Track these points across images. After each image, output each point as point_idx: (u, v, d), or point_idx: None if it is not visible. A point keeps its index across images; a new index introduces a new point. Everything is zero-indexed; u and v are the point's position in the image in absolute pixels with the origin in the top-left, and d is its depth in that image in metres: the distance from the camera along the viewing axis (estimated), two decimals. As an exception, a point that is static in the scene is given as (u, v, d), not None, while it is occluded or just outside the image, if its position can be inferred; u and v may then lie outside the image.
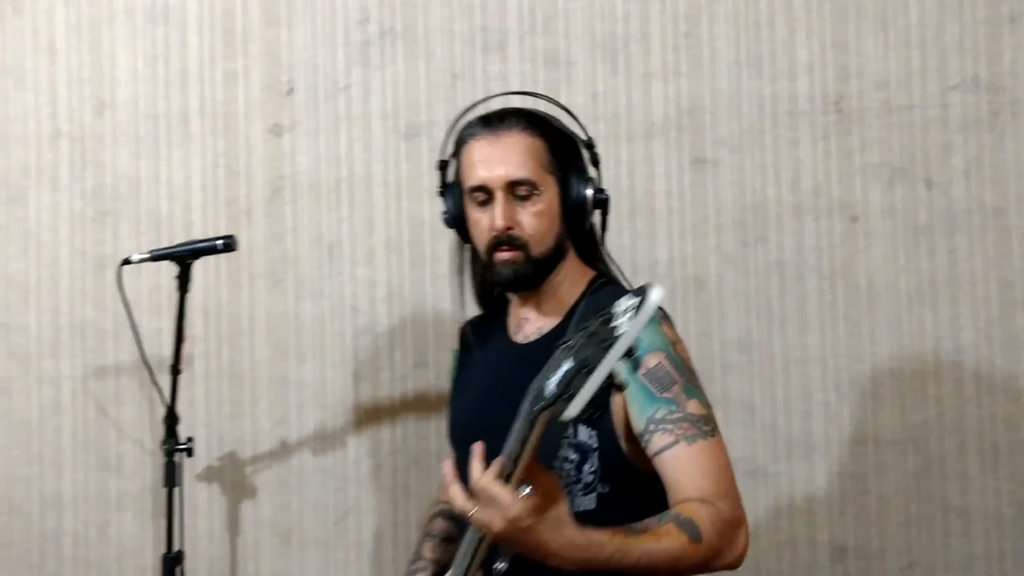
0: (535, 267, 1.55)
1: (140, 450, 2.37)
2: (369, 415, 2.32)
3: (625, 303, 1.08)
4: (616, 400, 1.47)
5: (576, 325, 1.46)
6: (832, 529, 2.21)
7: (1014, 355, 2.17)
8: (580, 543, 1.26)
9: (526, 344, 1.61)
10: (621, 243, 2.23)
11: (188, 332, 2.18)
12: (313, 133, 2.35)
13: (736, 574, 2.20)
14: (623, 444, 1.48)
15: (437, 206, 2.25)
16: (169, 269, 1.98)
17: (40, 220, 2.40)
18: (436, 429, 2.28)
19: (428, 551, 1.77)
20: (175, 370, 2.02)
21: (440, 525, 1.79)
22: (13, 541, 2.40)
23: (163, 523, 2.04)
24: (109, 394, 2.38)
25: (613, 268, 1.66)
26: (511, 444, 1.22)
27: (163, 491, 2.05)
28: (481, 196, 1.55)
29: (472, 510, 1.26)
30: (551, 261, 1.57)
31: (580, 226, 1.60)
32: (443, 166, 1.67)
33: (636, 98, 2.29)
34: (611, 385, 1.08)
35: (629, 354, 1.07)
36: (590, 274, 1.62)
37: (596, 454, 1.49)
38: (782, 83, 2.25)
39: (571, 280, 1.61)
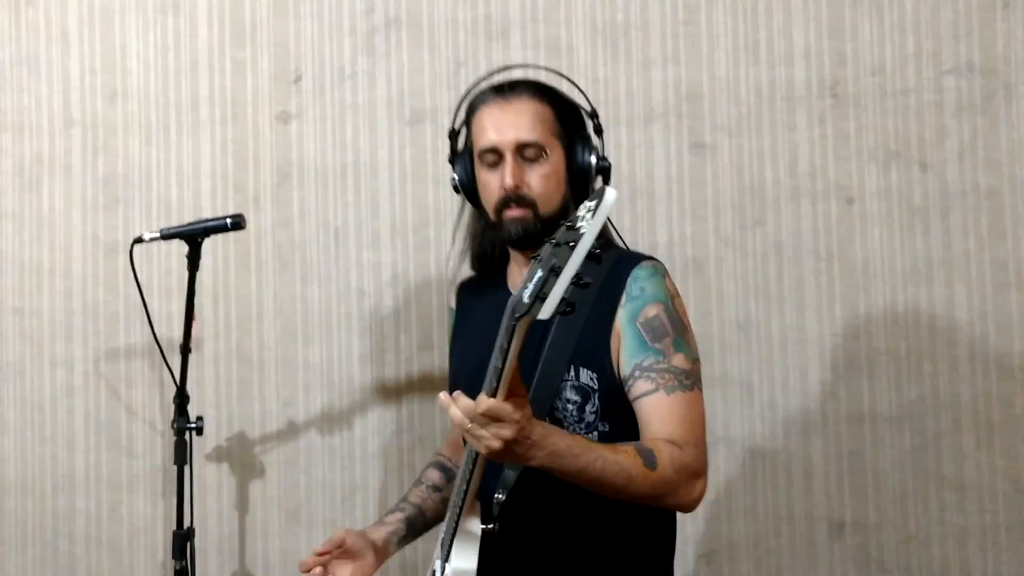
0: (543, 224, 1.60)
1: (151, 431, 2.42)
2: (375, 396, 2.37)
3: (585, 208, 1.15)
4: (612, 343, 1.56)
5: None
6: (830, 505, 2.24)
7: (1007, 333, 2.21)
8: (552, 433, 1.39)
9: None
10: (622, 226, 2.25)
11: (198, 315, 2.22)
12: (320, 120, 2.40)
13: (734, 549, 2.26)
14: (620, 383, 1.57)
15: (442, 191, 2.36)
16: (179, 254, 2.03)
17: (53, 207, 2.46)
18: (441, 409, 2.32)
19: (413, 495, 1.86)
20: (185, 348, 2.07)
21: (431, 474, 1.88)
22: (27, 520, 2.45)
23: (173, 502, 2.07)
24: (120, 376, 2.43)
25: (613, 233, 1.73)
26: (493, 360, 1.30)
27: (173, 471, 2.09)
28: (491, 158, 1.63)
29: (474, 429, 1.33)
30: (557, 219, 1.60)
31: (584, 191, 1.66)
32: (454, 135, 1.75)
33: (636, 84, 2.33)
34: (580, 283, 1.14)
35: (592, 255, 1.14)
36: None
37: (597, 395, 1.57)
38: (779, 69, 2.30)
39: None
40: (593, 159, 1.66)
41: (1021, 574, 2.18)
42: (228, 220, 1.94)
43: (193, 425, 2.08)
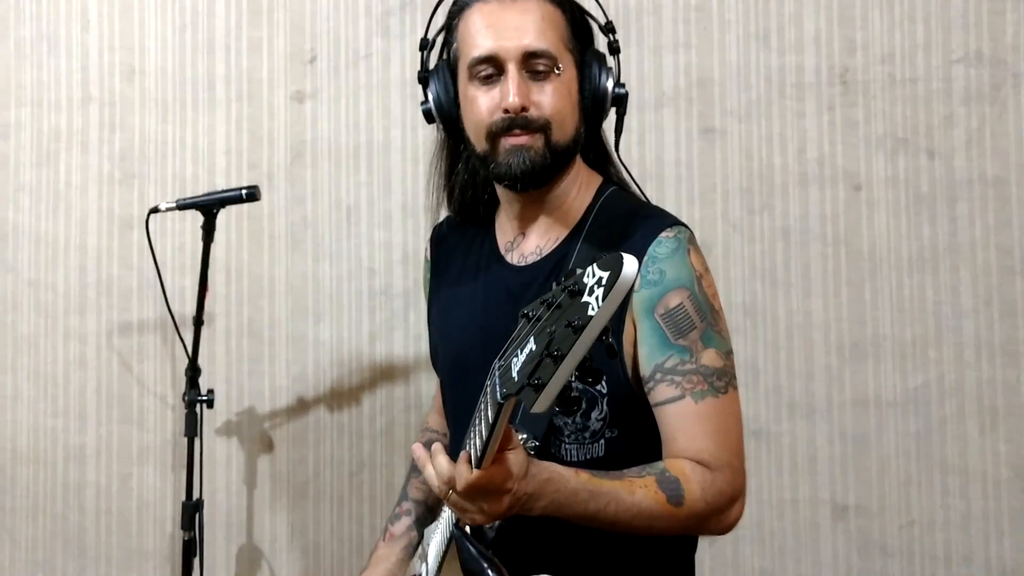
0: (553, 156, 1.31)
1: (162, 404, 2.45)
2: (384, 373, 2.39)
3: (595, 274, 0.89)
4: (626, 337, 1.29)
5: (582, 249, 1.31)
6: (833, 489, 2.26)
7: (1012, 320, 2.22)
8: (552, 479, 1.15)
9: (523, 267, 1.39)
10: (631, 208, 2.30)
11: (211, 289, 2.25)
12: (334, 100, 2.42)
13: (738, 533, 2.27)
14: (635, 385, 1.32)
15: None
16: (193, 230, 2.06)
17: (70, 181, 2.49)
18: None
19: (413, 490, 1.64)
20: (198, 320, 2.09)
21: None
22: (38, 491, 2.48)
23: (183, 475, 2.10)
24: (133, 350, 2.46)
25: (623, 173, 1.45)
26: (478, 423, 1.08)
27: (183, 444, 2.12)
28: (486, 70, 1.30)
29: (457, 501, 1.12)
30: (568, 153, 1.34)
31: (597, 121, 1.38)
32: (425, 45, 1.42)
33: (647, 69, 2.36)
34: (584, 368, 0.92)
35: (602, 337, 0.91)
36: (597, 180, 1.41)
37: (604, 400, 1.31)
38: (789, 56, 2.32)
39: (579, 185, 1.38)
40: (610, 83, 1.34)
41: (1023, 560, 2.19)
42: (243, 191, 1.97)
43: (204, 397, 2.11)
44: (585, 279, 0.90)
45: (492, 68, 1.29)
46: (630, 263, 0.87)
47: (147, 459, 2.45)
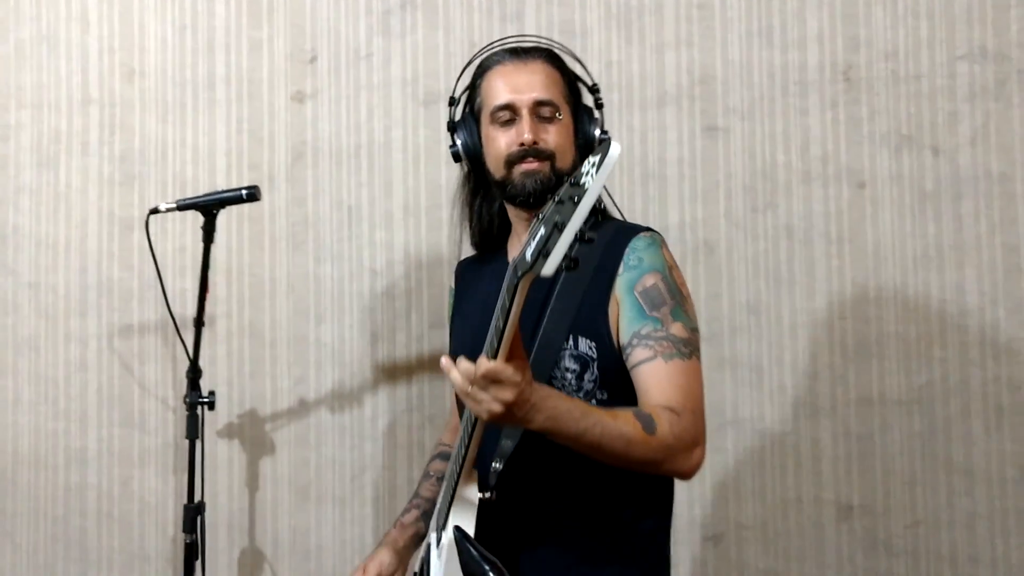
0: (557, 180, 1.60)
1: (163, 407, 2.44)
2: (386, 374, 2.38)
3: (590, 162, 1.12)
4: (611, 312, 1.56)
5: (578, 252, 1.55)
6: (838, 488, 2.25)
7: (1018, 318, 2.21)
8: (551, 396, 1.38)
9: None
10: (633, 207, 2.29)
11: (211, 293, 2.24)
12: (335, 100, 2.41)
13: (742, 532, 2.26)
14: (619, 354, 1.56)
15: (455, 171, 2.35)
16: (194, 231, 2.05)
17: (70, 183, 2.48)
18: (451, 388, 2.33)
19: (424, 490, 1.85)
20: (199, 322, 2.08)
21: (437, 465, 1.87)
22: (39, 494, 2.47)
23: (184, 478, 2.09)
24: (133, 352, 2.45)
25: (611, 205, 1.75)
26: (494, 321, 1.29)
27: (184, 447, 2.11)
28: (505, 116, 1.63)
29: (474, 392, 1.32)
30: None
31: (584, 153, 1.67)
32: (453, 102, 1.74)
33: (650, 67, 2.34)
34: (584, 239, 1.12)
35: (595, 210, 1.12)
36: None
37: (595, 363, 1.56)
38: (792, 53, 2.30)
39: None
40: (597, 131, 1.68)
41: (1029, 559, 2.18)
42: (243, 192, 1.96)
43: (205, 399, 2.10)
44: (582, 169, 1.13)
45: (510, 114, 1.63)
46: (615, 144, 1.12)
47: (148, 462, 2.44)
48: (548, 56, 1.68)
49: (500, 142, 1.63)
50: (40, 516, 2.47)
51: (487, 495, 1.53)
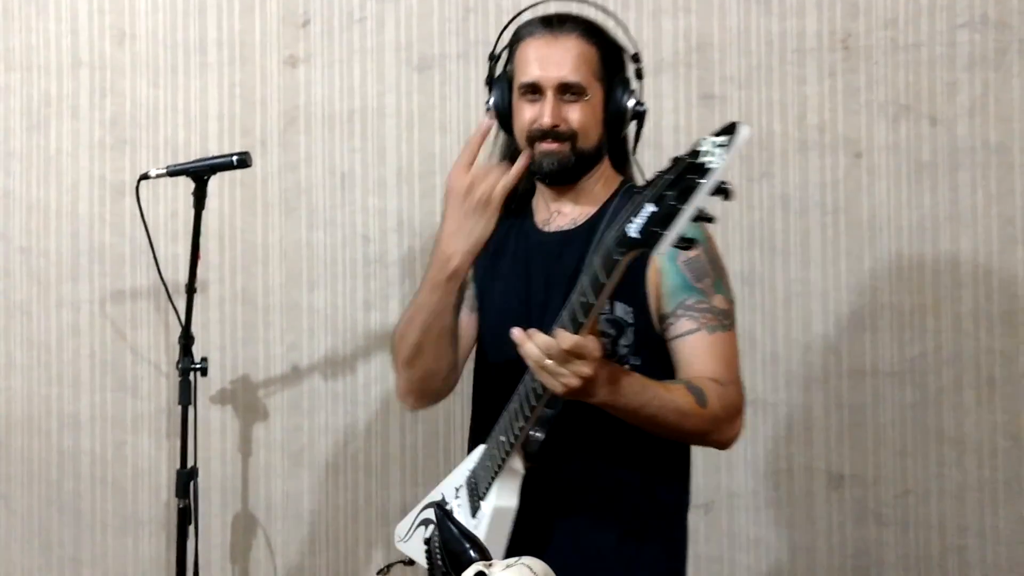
0: (578, 159, 1.60)
1: (156, 372, 2.44)
2: (378, 341, 2.38)
3: (711, 141, 1.09)
4: (650, 279, 1.56)
5: (611, 216, 1.54)
6: (829, 458, 2.25)
7: (1012, 290, 2.20)
8: (615, 370, 1.40)
9: (561, 232, 1.65)
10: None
11: (203, 258, 2.23)
12: (328, 65, 2.39)
13: (734, 500, 2.27)
14: (655, 320, 1.57)
15: (448, 138, 2.35)
16: (186, 196, 2.03)
17: (61, 147, 2.46)
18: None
19: None
20: (190, 288, 2.08)
21: None
22: (32, 459, 2.48)
23: (177, 443, 2.10)
24: (126, 318, 2.45)
25: (640, 177, 1.71)
26: (579, 294, 1.29)
27: (177, 412, 2.11)
28: (530, 93, 1.60)
29: (551, 366, 1.32)
30: (592, 159, 1.63)
31: (617, 133, 1.66)
32: (494, 58, 1.70)
33: (646, 34, 2.31)
34: (702, 218, 1.10)
35: (719, 191, 1.09)
36: (618, 178, 1.69)
37: (632, 329, 1.56)
38: (790, 20, 2.28)
39: (604, 182, 1.67)
40: (631, 103, 1.64)
41: (1018, 530, 2.19)
42: (234, 158, 1.95)
43: (198, 365, 2.10)
44: (700, 148, 1.09)
45: (535, 93, 1.60)
46: (745, 126, 1.09)
47: (141, 427, 2.45)
48: (584, 29, 1.62)
49: (525, 116, 1.62)
50: (34, 480, 2.48)
51: (531, 465, 1.53)
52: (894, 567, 2.23)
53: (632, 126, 1.68)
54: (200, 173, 1.96)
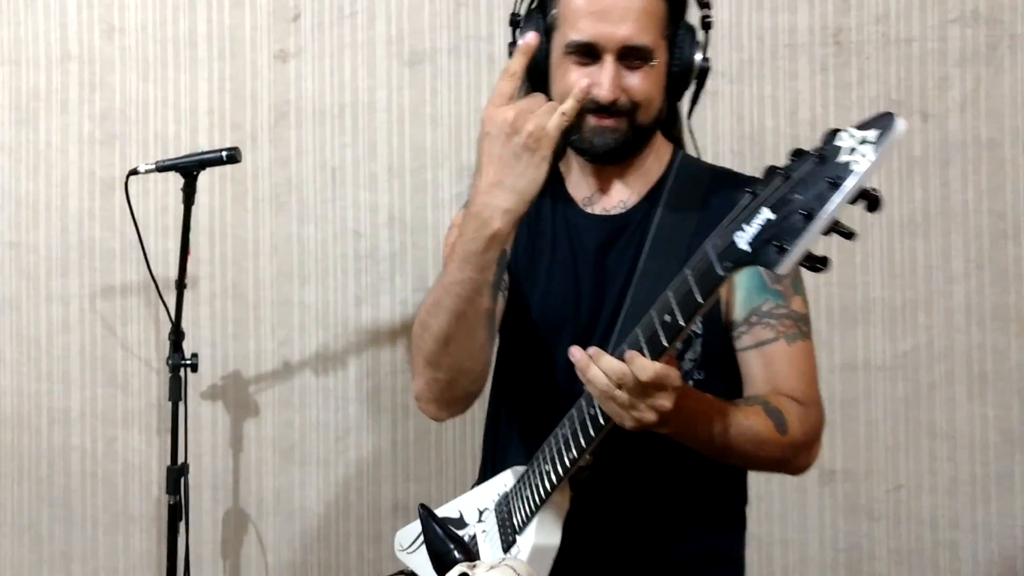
0: (635, 135, 1.34)
1: (146, 368, 2.43)
2: (370, 337, 2.37)
3: (854, 136, 0.89)
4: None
5: (669, 199, 1.34)
6: (821, 452, 2.24)
7: (1003, 285, 2.20)
8: (688, 395, 1.20)
9: (611, 216, 1.40)
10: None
11: (194, 254, 2.23)
12: (318, 59, 2.38)
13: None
14: (724, 330, 1.36)
15: (440, 132, 2.34)
16: (176, 191, 2.02)
17: (50, 141, 2.45)
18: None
19: None
20: (180, 284, 2.07)
21: None
22: (22, 455, 2.46)
23: (168, 439, 2.09)
24: (116, 313, 2.44)
25: (692, 143, 1.50)
26: (662, 314, 1.07)
27: (168, 408, 2.10)
28: (583, 53, 1.30)
29: (621, 396, 1.10)
30: (651, 130, 1.38)
31: (677, 96, 1.41)
32: (516, 21, 1.40)
33: (638, 28, 2.31)
34: (840, 231, 0.90)
35: (864, 198, 0.89)
36: (670, 147, 1.46)
37: (700, 340, 1.35)
38: (782, 15, 2.27)
39: (656, 153, 1.43)
40: (698, 57, 1.36)
41: (1009, 524, 2.20)
42: (224, 153, 1.93)
43: (188, 362, 2.09)
44: (838, 142, 0.89)
45: (588, 57, 1.30)
46: (900, 119, 0.88)
47: (132, 423, 2.44)
48: None
49: (570, 80, 1.29)
50: (24, 476, 2.47)
51: (576, 495, 1.33)
52: (885, 561, 2.24)
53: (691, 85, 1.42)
54: (189, 169, 1.95)
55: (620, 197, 1.41)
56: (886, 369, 2.23)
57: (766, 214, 0.93)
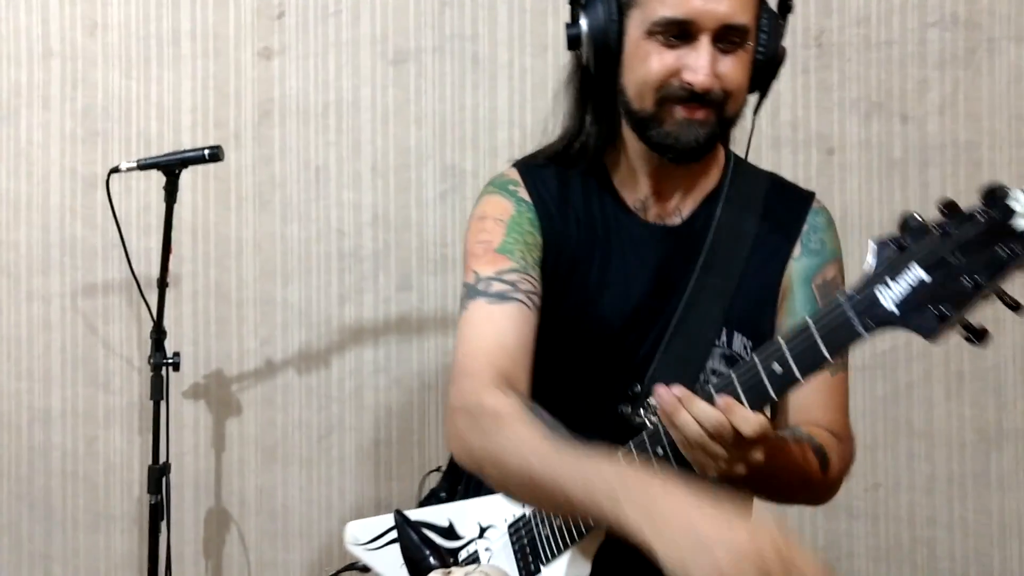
0: (720, 130, 1.21)
1: (128, 367, 2.42)
2: (353, 336, 2.37)
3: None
4: (779, 301, 1.26)
5: (726, 209, 1.24)
6: (801, 452, 2.27)
7: (981, 285, 2.23)
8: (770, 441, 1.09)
9: (669, 228, 1.29)
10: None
11: (177, 252, 2.22)
12: (302, 57, 2.37)
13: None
14: None
15: (424, 131, 2.35)
16: (158, 189, 2.02)
17: (31, 138, 2.43)
18: (418, 350, 2.34)
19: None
20: (162, 282, 2.07)
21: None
22: (3, 455, 2.45)
23: (150, 438, 2.09)
24: (98, 311, 2.42)
25: (741, 145, 1.40)
26: (770, 361, 0.98)
27: (150, 407, 2.10)
28: (674, 32, 1.15)
29: (714, 447, 0.99)
30: (731, 126, 1.25)
31: (760, 87, 1.28)
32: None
33: (621, 29, 2.32)
34: (1005, 300, 0.84)
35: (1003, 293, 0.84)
36: (721, 148, 1.35)
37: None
38: (764, 17, 2.29)
39: (714, 155, 1.31)
40: (783, 45, 1.24)
41: (985, 522, 2.22)
42: (206, 151, 1.93)
43: (170, 360, 2.09)
44: (1013, 205, 0.85)
45: (679, 38, 1.15)
46: None
47: (113, 422, 2.43)
48: None
49: (654, 64, 1.16)
50: (4, 476, 2.45)
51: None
52: (864, 559, 2.26)
53: None
54: (171, 167, 1.95)
55: (676, 204, 1.29)
56: (865, 368, 2.25)
57: (918, 273, 0.88)
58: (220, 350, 2.40)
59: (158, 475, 2.09)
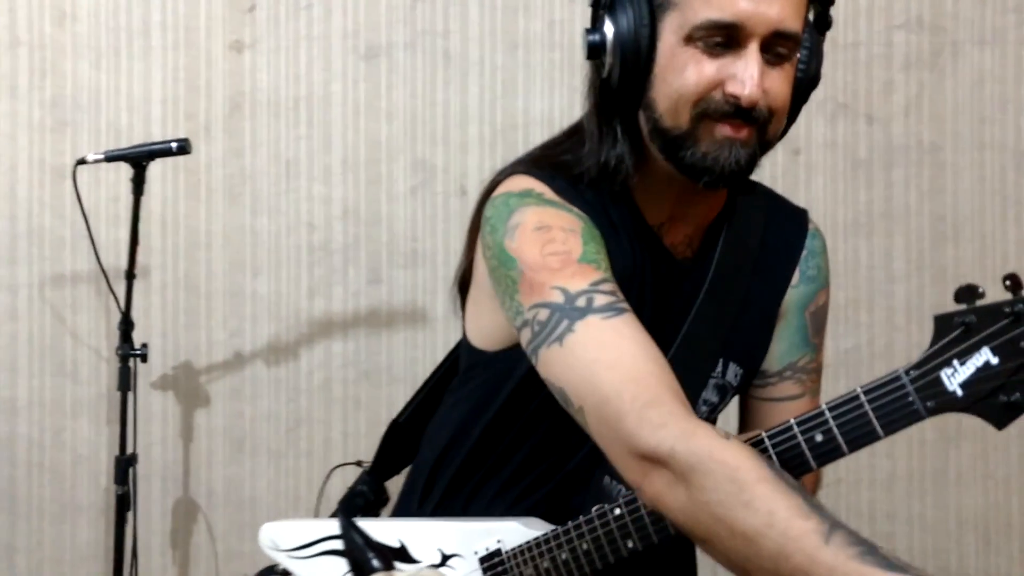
0: (761, 154, 1.09)
1: (96, 357, 2.42)
2: (322, 329, 2.38)
3: None
4: (775, 332, 1.22)
5: (730, 236, 1.16)
6: (764, 448, 2.30)
7: (943, 285, 2.27)
8: None
9: (683, 263, 1.18)
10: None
11: (146, 244, 2.23)
12: (274, 51, 2.37)
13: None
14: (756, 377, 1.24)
15: (395, 127, 2.35)
16: (127, 180, 2.02)
17: (-1, 128, 2.42)
18: (387, 344, 2.35)
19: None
20: (130, 275, 2.07)
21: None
22: (-32, 444, 2.44)
23: (117, 429, 2.09)
24: (66, 302, 2.42)
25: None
26: (816, 432, 0.96)
27: (117, 398, 2.10)
28: (719, 39, 1.01)
29: None
30: (767, 151, 1.12)
31: (796, 112, 1.15)
32: (605, 2, 1.07)
33: (592, 27, 2.34)
34: None
35: None
36: None
37: (731, 395, 1.24)
38: (734, 17, 2.31)
39: None
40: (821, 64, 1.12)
41: (943, 518, 2.26)
42: (174, 144, 1.93)
43: (137, 352, 2.09)
44: None
45: (727, 39, 1.01)
46: None
47: (81, 412, 2.42)
48: None
49: (693, 74, 1.02)
50: (-31, 466, 2.44)
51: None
52: (825, 554, 2.29)
53: None
54: (139, 159, 1.95)
55: (686, 231, 1.18)
56: (828, 367, 2.27)
57: (987, 357, 0.85)
58: (189, 341, 2.40)
59: (125, 466, 2.09)
